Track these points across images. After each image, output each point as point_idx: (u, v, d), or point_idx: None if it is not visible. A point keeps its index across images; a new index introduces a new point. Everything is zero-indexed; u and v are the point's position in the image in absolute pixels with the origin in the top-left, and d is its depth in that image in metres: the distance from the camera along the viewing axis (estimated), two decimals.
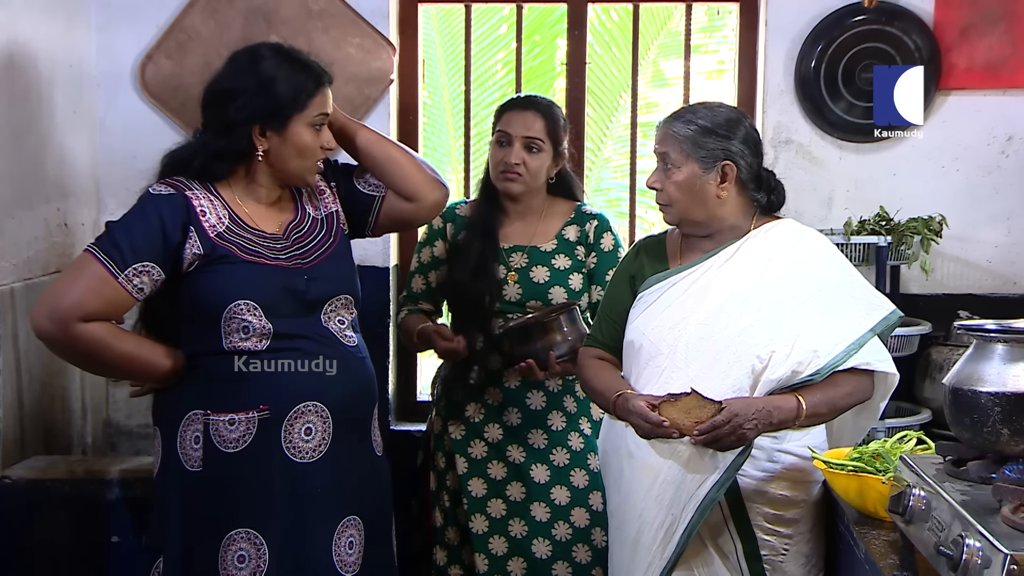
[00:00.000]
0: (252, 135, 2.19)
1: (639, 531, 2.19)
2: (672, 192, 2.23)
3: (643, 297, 2.30)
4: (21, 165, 2.88)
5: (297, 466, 2.19)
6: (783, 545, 2.19)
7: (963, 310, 3.14)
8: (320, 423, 2.21)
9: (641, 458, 2.20)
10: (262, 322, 2.16)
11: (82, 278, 2.11)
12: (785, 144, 3.31)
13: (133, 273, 2.11)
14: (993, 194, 3.30)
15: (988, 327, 1.76)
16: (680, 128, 2.22)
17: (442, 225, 2.84)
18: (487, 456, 2.74)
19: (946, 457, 1.79)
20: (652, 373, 2.21)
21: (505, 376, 2.72)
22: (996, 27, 3.23)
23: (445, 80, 5.59)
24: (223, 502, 2.17)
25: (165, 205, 2.16)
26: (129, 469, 2.76)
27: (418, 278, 2.86)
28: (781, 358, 2.12)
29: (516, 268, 2.74)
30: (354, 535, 2.27)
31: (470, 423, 2.76)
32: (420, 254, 2.87)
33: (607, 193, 5.88)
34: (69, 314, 2.09)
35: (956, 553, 1.46)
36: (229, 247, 2.17)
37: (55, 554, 2.73)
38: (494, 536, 2.72)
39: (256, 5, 3.28)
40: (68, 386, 3.07)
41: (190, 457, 2.17)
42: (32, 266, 2.90)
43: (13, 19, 2.84)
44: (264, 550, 2.16)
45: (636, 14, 3.56)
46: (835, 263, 2.27)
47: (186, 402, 2.19)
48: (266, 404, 2.16)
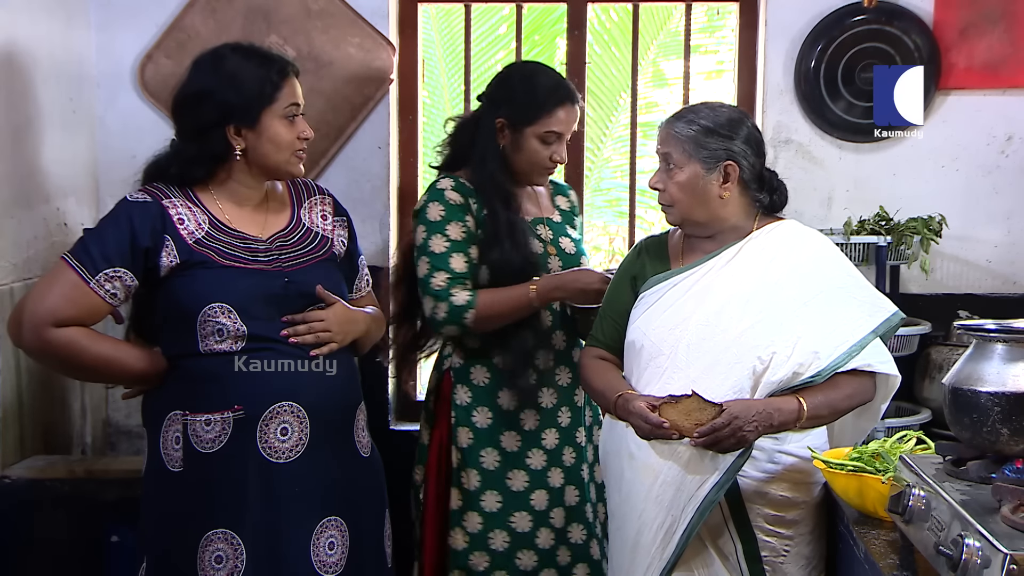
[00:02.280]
0: (227, 135, 2.21)
1: (639, 532, 2.19)
2: (674, 192, 2.23)
3: (644, 297, 2.30)
4: (21, 165, 2.88)
5: (273, 466, 2.19)
6: (783, 546, 2.19)
7: (963, 310, 3.14)
8: (296, 423, 2.21)
9: (642, 459, 2.20)
10: (236, 324, 2.17)
11: (55, 285, 2.15)
12: (785, 144, 3.31)
13: (104, 279, 2.14)
14: (993, 194, 3.29)
15: (988, 327, 1.76)
16: (682, 128, 2.22)
17: (463, 200, 2.61)
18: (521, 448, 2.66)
19: (946, 457, 1.79)
20: (653, 374, 2.20)
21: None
22: (996, 27, 3.23)
23: (445, 80, 5.58)
24: (201, 502, 2.18)
25: (137, 211, 2.19)
26: (129, 469, 2.76)
27: (457, 257, 2.57)
28: (782, 359, 2.11)
29: (550, 241, 2.70)
30: (335, 536, 2.27)
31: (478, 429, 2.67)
32: (446, 231, 2.58)
33: (607, 193, 5.87)
34: (43, 320, 2.12)
35: (956, 553, 1.45)
36: (207, 253, 2.19)
37: (55, 553, 2.73)
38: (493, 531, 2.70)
39: (256, 5, 3.28)
40: (68, 386, 3.07)
41: (171, 457, 2.19)
42: (32, 266, 2.90)
43: (13, 19, 2.84)
44: (241, 550, 2.16)
45: (636, 14, 3.56)
46: (837, 264, 2.27)
47: (167, 403, 2.21)
48: (240, 404, 2.17)
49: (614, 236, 5.87)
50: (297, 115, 2.26)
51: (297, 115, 2.26)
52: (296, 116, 2.26)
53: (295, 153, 2.27)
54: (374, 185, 3.35)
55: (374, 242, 3.31)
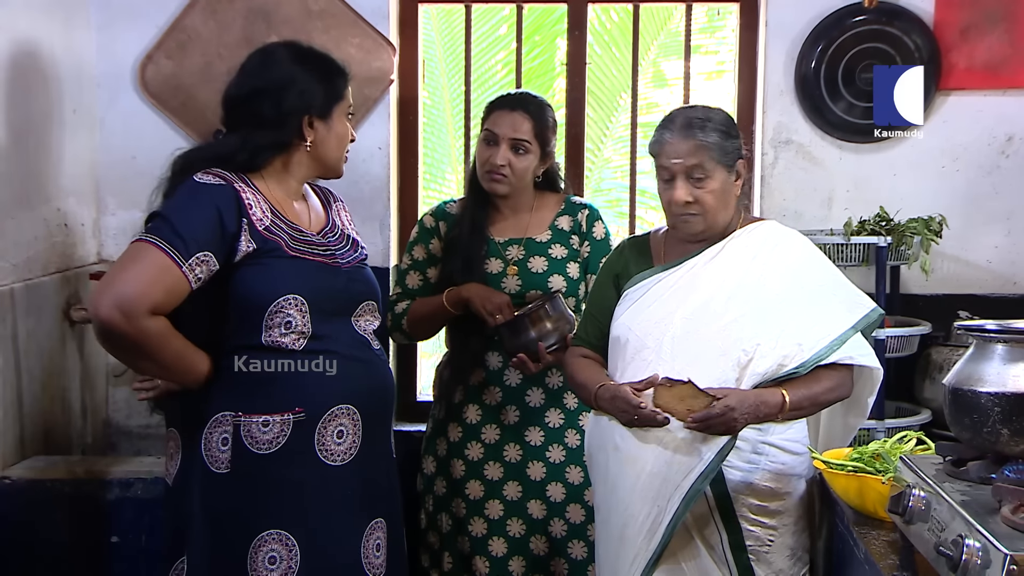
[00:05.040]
0: (302, 125, 2.22)
1: (625, 524, 2.21)
2: (709, 202, 2.23)
3: (628, 294, 2.33)
4: (21, 165, 2.88)
5: (329, 468, 2.18)
6: (768, 536, 2.21)
7: (963, 310, 3.14)
8: (351, 425, 2.21)
9: (627, 451, 2.21)
10: (305, 319, 2.15)
11: (146, 268, 2.02)
12: (785, 144, 3.31)
13: (196, 262, 2.05)
14: (993, 194, 3.29)
15: (988, 327, 1.76)
16: (704, 136, 2.21)
17: (435, 224, 2.85)
18: (484, 457, 2.75)
19: (946, 457, 1.79)
20: (638, 367, 2.22)
21: (505, 374, 2.73)
22: (996, 27, 3.23)
23: (445, 80, 5.58)
24: (254, 503, 2.15)
25: (218, 195, 2.12)
26: (129, 470, 2.76)
27: (413, 275, 2.84)
28: (767, 350, 2.15)
29: (514, 261, 2.75)
30: (380, 537, 2.28)
31: (468, 425, 2.77)
32: (412, 252, 2.85)
33: (607, 193, 5.87)
34: (138, 305, 1.99)
35: (956, 553, 1.46)
36: (277, 240, 2.16)
37: (55, 554, 2.73)
38: (494, 538, 2.74)
39: (256, 5, 3.28)
40: (68, 386, 3.07)
41: (217, 459, 2.15)
42: (32, 266, 2.90)
43: (13, 19, 2.85)
44: (296, 551, 2.15)
45: (636, 14, 3.56)
46: (818, 264, 2.31)
47: (214, 405, 2.16)
48: (301, 406, 2.15)
49: (614, 236, 5.85)
50: (351, 116, 2.34)
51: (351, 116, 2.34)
52: (352, 117, 2.34)
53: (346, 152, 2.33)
54: (374, 186, 3.35)
55: (374, 243, 3.31)
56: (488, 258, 2.76)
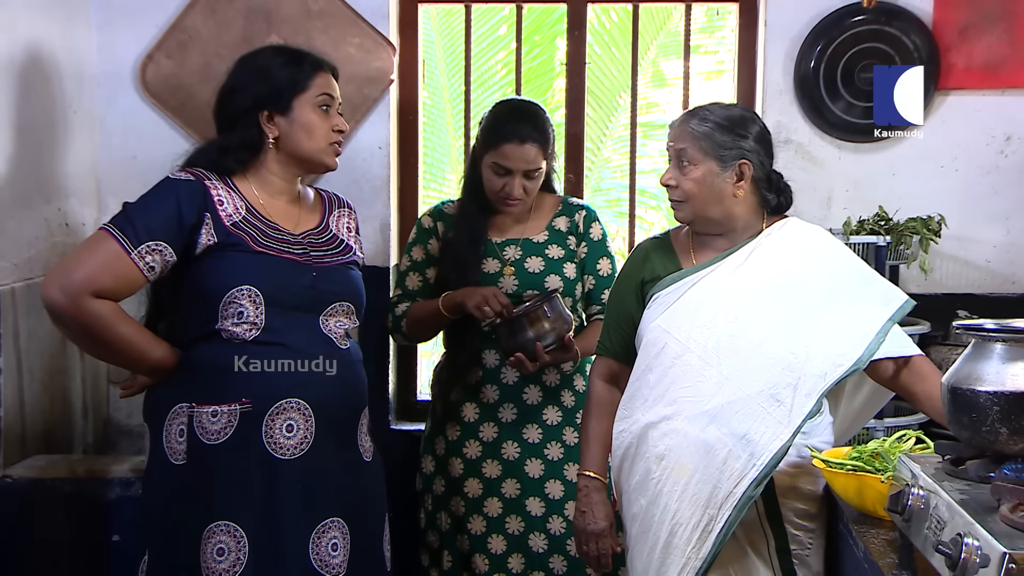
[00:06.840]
0: (260, 122, 2.26)
1: (671, 533, 2.15)
2: (689, 188, 2.24)
3: (660, 297, 2.29)
4: (22, 165, 2.88)
5: (277, 462, 2.20)
6: (808, 539, 2.21)
7: (962, 310, 3.14)
8: (303, 421, 2.22)
9: (674, 459, 2.16)
10: (259, 311, 2.19)
11: (95, 253, 2.15)
12: (784, 144, 3.31)
13: (146, 250, 2.15)
14: (992, 194, 3.30)
15: (987, 326, 1.76)
16: (697, 125, 2.23)
17: (432, 224, 2.87)
18: (482, 455, 2.76)
19: (945, 456, 1.79)
20: (680, 371, 2.19)
21: (503, 372, 2.74)
22: (995, 27, 3.24)
23: (445, 80, 5.59)
24: (204, 494, 2.19)
25: (183, 188, 2.21)
26: (130, 469, 2.76)
27: (413, 276, 2.87)
28: (816, 353, 2.13)
29: (511, 261, 2.76)
30: (337, 537, 2.27)
31: (466, 423, 2.77)
32: (411, 253, 2.88)
33: (607, 193, 5.87)
34: (81, 287, 2.11)
35: (955, 552, 1.46)
36: (242, 236, 2.21)
37: (55, 553, 2.73)
38: (492, 536, 2.74)
39: (256, 5, 3.28)
40: (69, 386, 3.08)
41: (175, 450, 2.20)
42: (32, 266, 2.91)
43: (13, 19, 2.85)
44: (244, 543, 2.17)
45: (636, 14, 3.57)
46: (848, 258, 2.32)
47: (173, 396, 2.23)
48: (248, 398, 2.19)
49: (614, 236, 5.85)
50: (331, 107, 2.33)
51: (331, 107, 2.33)
52: (330, 108, 2.33)
53: (330, 144, 2.33)
54: (374, 186, 3.35)
55: (374, 242, 3.31)
56: (485, 258, 2.78)
